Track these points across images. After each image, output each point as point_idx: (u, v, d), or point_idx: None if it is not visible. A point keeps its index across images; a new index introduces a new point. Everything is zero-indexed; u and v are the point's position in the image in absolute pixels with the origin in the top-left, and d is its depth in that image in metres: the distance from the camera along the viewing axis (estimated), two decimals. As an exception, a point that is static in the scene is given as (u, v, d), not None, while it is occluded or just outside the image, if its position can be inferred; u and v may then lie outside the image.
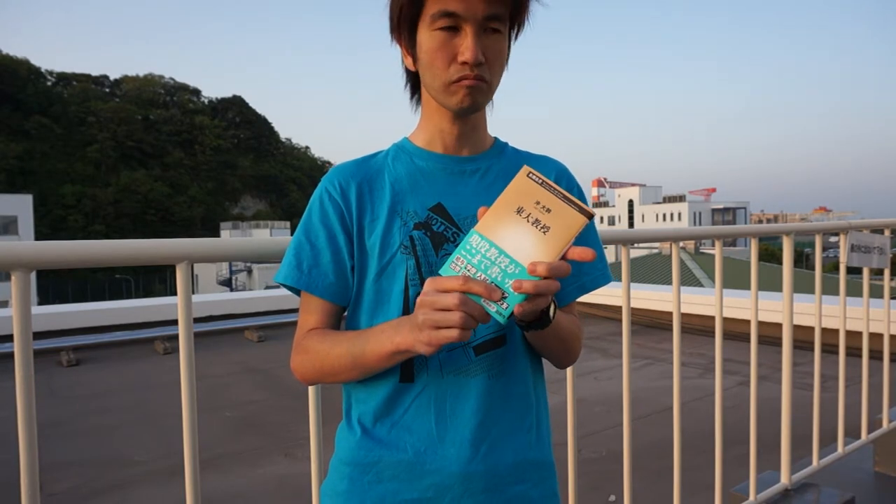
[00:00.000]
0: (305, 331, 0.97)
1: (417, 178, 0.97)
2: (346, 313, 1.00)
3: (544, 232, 0.76)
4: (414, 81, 1.00)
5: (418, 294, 0.79)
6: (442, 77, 0.90)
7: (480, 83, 0.90)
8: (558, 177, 1.04)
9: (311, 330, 0.96)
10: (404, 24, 0.92)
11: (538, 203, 0.77)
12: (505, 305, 0.75)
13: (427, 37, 0.90)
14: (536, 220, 0.77)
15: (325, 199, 0.96)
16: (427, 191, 0.96)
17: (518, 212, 0.77)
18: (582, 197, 1.06)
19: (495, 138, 1.05)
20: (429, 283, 0.77)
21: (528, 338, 0.94)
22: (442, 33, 0.88)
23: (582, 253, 0.77)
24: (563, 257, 0.77)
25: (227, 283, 43.63)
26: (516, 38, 0.98)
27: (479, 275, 0.76)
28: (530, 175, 0.79)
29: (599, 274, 1.04)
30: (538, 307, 0.78)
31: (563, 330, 0.94)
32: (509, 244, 0.76)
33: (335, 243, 0.95)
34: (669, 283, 1.93)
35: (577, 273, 1.01)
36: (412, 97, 1.02)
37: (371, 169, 0.99)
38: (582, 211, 0.76)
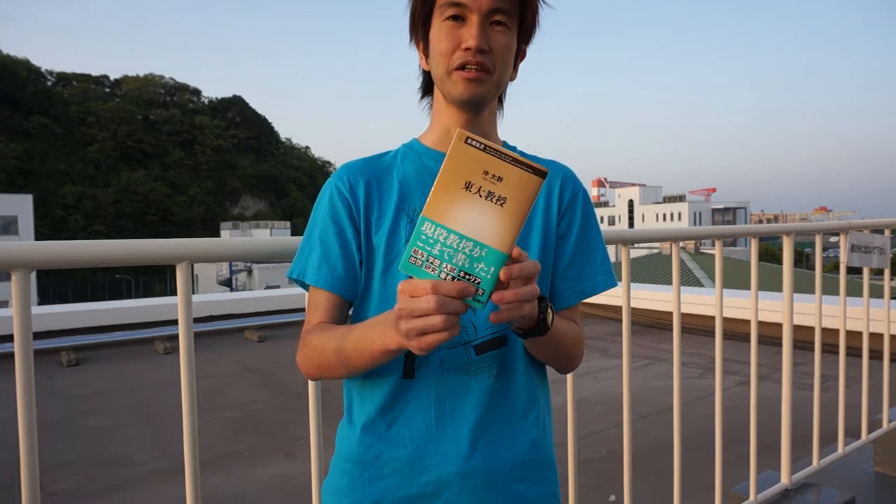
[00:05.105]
0: (311, 326, 0.98)
1: (426, 177, 0.98)
2: (351, 311, 1.01)
3: (501, 204, 0.70)
4: (427, 83, 1.03)
5: None
6: (445, 63, 0.93)
7: (483, 74, 0.91)
8: (564, 181, 1.03)
9: (315, 324, 0.97)
10: (419, 22, 0.97)
11: (486, 173, 0.70)
12: (481, 291, 0.71)
13: (436, 28, 0.94)
14: (489, 192, 0.70)
15: (335, 194, 0.98)
16: None
17: (467, 187, 0.70)
18: (587, 199, 1.05)
19: (504, 142, 1.06)
20: (401, 290, 0.72)
21: (525, 345, 0.93)
22: (449, 23, 0.92)
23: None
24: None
25: (227, 283, 43.62)
26: (527, 42, 0.99)
27: (444, 265, 0.70)
28: (469, 140, 0.70)
29: (601, 279, 1.02)
30: (523, 314, 0.74)
31: (563, 336, 0.92)
32: (467, 225, 0.70)
33: (344, 237, 0.96)
34: (669, 283, 1.93)
35: (576, 277, 1.01)
36: (422, 98, 1.05)
37: (380, 167, 1.01)
38: (535, 172, 0.70)
